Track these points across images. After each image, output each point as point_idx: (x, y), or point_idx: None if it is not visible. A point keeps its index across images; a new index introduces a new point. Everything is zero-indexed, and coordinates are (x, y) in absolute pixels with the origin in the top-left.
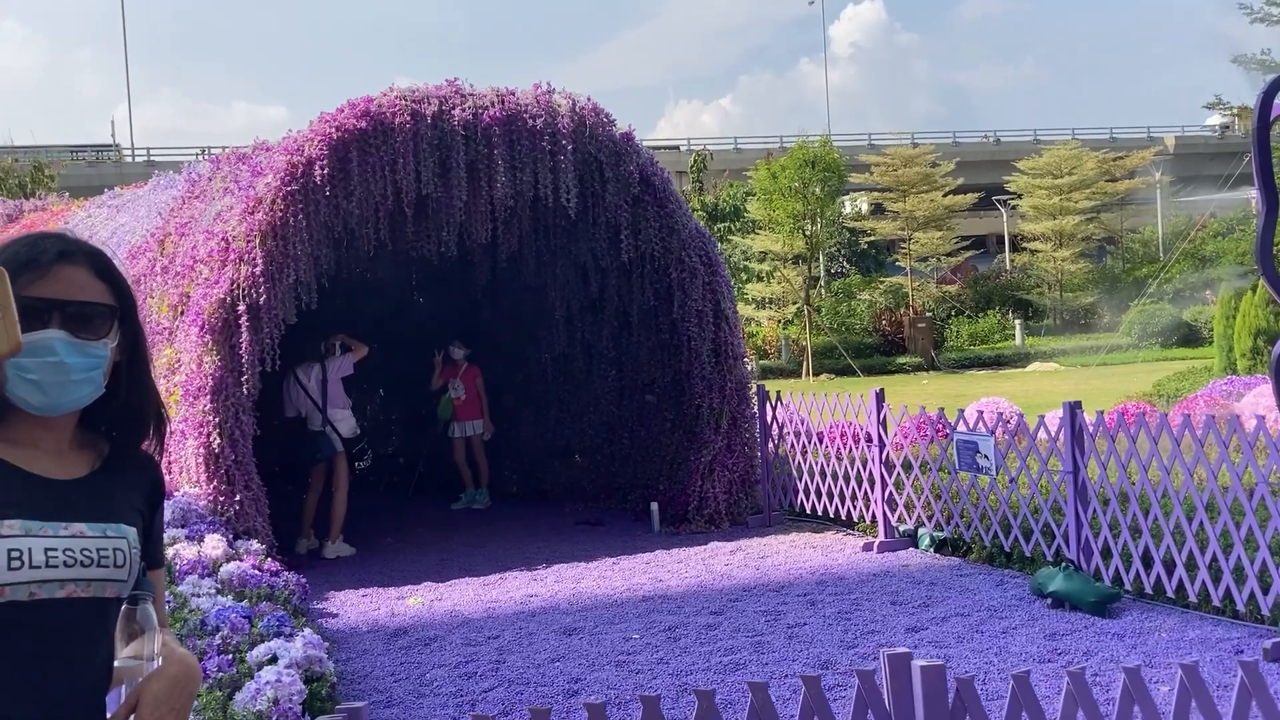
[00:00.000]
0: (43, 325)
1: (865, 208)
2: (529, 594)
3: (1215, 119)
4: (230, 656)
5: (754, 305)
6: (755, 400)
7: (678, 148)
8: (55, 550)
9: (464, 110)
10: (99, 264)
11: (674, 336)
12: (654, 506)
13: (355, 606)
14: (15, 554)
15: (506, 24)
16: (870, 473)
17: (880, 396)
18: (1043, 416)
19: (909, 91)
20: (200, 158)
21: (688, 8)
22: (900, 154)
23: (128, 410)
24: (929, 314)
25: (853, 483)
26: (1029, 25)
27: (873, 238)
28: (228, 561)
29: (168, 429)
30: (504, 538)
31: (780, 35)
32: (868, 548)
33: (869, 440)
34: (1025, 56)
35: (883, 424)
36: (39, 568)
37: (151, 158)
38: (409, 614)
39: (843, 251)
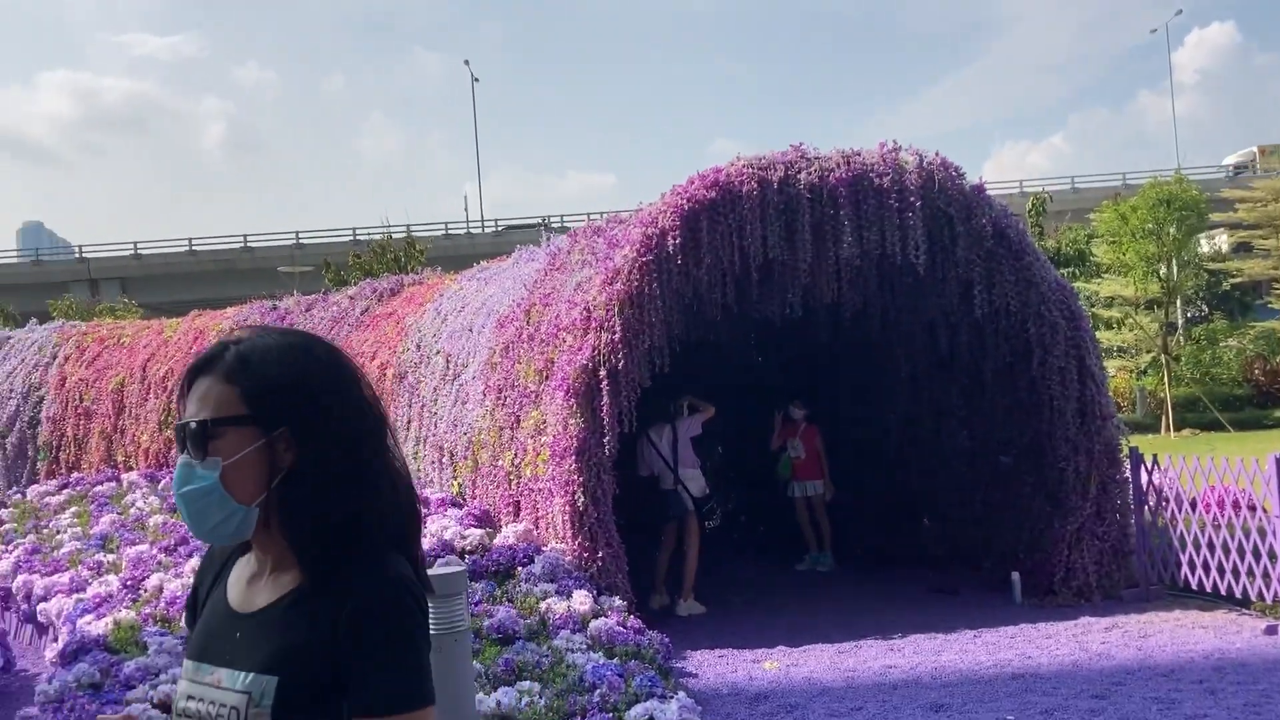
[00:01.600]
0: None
1: (1225, 246)
2: (887, 665)
3: (1232, 158)
4: (610, 715)
5: (1102, 354)
6: (1127, 463)
7: (1031, 191)
8: (193, 698)
9: (809, 174)
10: (228, 367)
11: (1033, 395)
12: (1015, 576)
13: (713, 667)
14: (175, 695)
15: (827, 77)
16: (1270, 546)
17: None
18: None
19: (1270, 117)
20: (542, 227)
21: (1013, 48)
22: (1270, 186)
23: (305, 523)
24: None
25: (1249, 556)
26: None
27: (1238, 279)
28: (594, 617)
29: (415, 532)
30: (853, 603)
31: (1115, 68)
32: (1270, 630)
33: (1265, 509)
34: None
35: None
36: (180, 716)
37: (499, 228)
38: (766, 679)
39: (1202, 295)
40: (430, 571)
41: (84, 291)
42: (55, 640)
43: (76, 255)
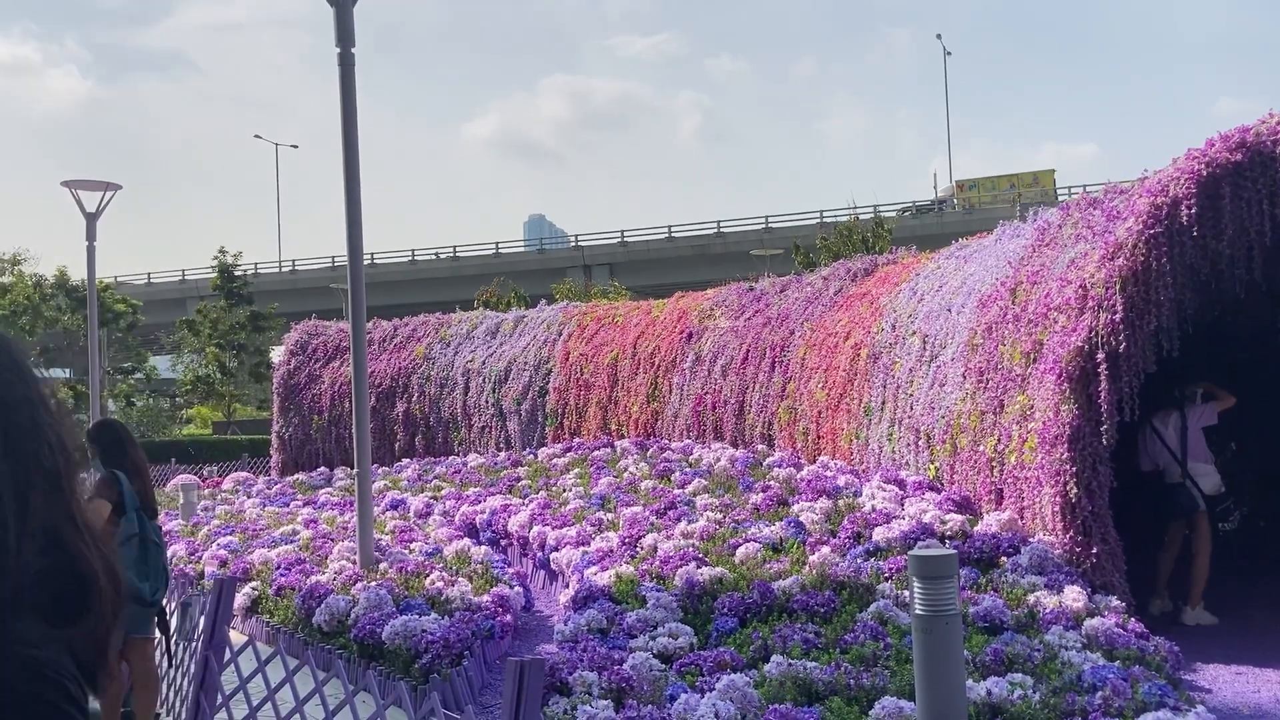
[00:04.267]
0: None
1: None
2: None
3: None
4: None
5: None
6: None
7: None
8: None
9: None
10: None
11: None
12: None
13: (1229, 685)
14: None
15: None
16: None
17: None
18: None
19: None
20: (1014, 205)
21: None
22: None
23: None
24: None
25: None
26: None
27: None
28: (1089, 616)
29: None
30: None
31: None
32: None
33: None
34: None
35: None
36: None
37: (970, 206)
38: None
39: None
40: (916, 552)
41: (579, 276)
42: (566, 587)
43: (572, 243)
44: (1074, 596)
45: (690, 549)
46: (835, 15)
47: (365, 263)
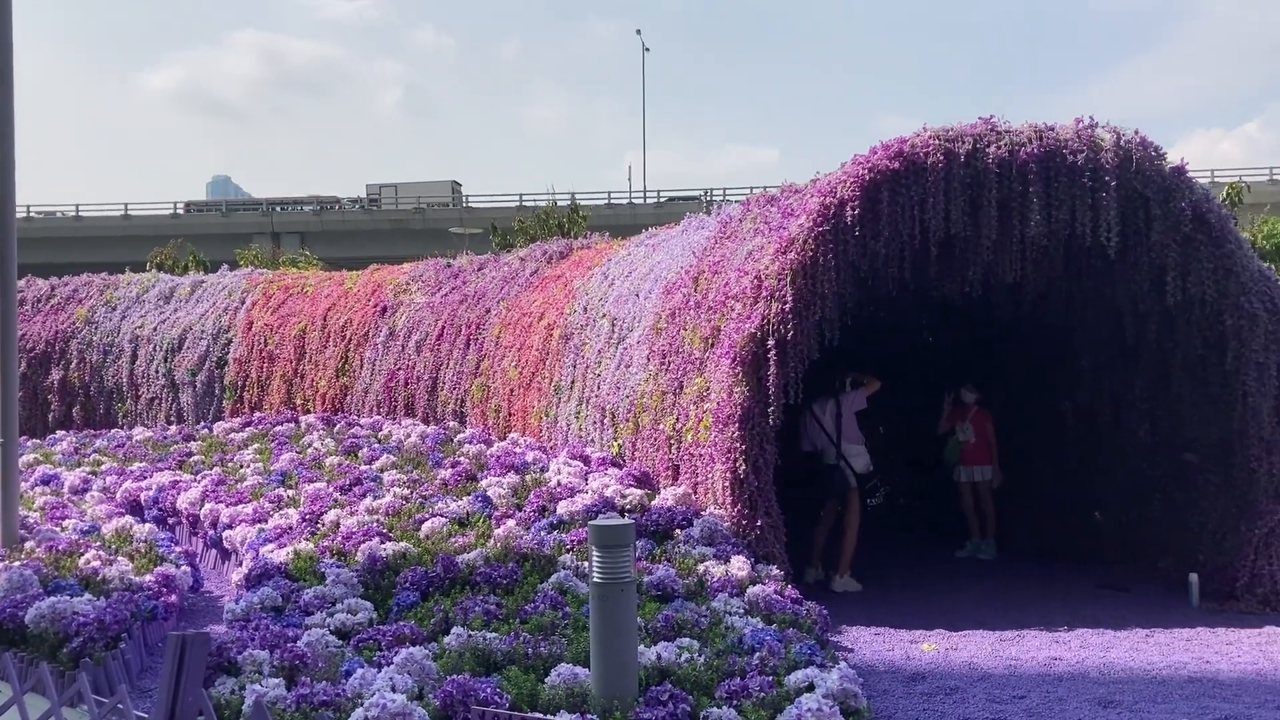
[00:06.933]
0: None
1: None
2: (1052, 656)
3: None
4: (770, 679)
5: None
6: None
7: (1225, 182)
8: None
9: (999, 148)
10: None
11: (1225, 390)
12: (1193, 578)
13: (869, 645)
14: None
15: (1004, 57)
16: None
17: None
18: None
19: None
20: (704, 199)
21: (1208, 31)
22: None
23: None
24: None
25: None
26: None
27: None
28: (752, 584)
29: None
30: (1016, 593)
31: None
32: None
33: None
34: None
35: None
36: None
37: (661, 199)
38: (924, 659)
39: None
40: (597, 523)
41: (266, 243)
42: (239, 565)
43: (261, 209)
44: (739, 566)
45: (375, 525)
46: (543, 1)
47: (20, 215)
